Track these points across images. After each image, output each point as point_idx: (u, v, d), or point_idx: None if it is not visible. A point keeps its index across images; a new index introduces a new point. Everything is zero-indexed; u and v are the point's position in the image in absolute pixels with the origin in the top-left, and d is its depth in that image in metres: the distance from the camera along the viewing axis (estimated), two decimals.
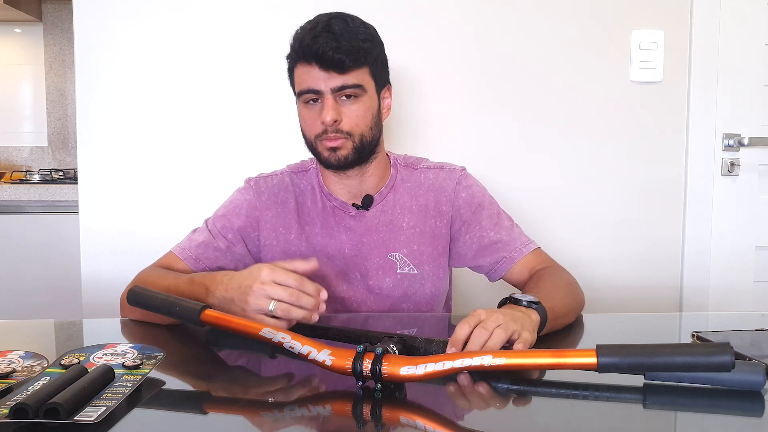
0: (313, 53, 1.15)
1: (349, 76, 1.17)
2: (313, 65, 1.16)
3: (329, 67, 1.16)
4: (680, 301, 1.87)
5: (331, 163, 1.22)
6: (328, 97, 1.17)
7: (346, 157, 1.21)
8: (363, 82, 1.19)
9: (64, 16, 2.97)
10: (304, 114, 1.22)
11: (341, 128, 1.19)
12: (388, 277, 1.28)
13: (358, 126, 1.20)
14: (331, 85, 1.17)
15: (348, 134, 1.19)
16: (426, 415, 0.77)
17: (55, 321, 1.36)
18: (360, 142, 1.21)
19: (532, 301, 0.98)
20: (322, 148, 1.21)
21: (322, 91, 1.17)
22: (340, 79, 1.17)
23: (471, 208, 1.30)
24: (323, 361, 0.81)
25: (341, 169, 1.23)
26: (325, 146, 1.20)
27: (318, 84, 1.17)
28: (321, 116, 1.18)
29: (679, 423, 0.77)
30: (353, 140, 1.20)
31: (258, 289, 0.97)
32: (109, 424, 0.69)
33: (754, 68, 1.84)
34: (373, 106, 1.22)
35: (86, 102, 1.73)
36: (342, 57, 1.15)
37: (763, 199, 1.88)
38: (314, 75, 1.17)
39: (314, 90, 1.18)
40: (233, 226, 1.29)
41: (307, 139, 1.24)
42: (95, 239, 1.74)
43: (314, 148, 1.23)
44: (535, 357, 0.79)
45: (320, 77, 1.17)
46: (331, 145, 1.20)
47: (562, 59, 1.79)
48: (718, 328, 0.99)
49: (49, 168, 2.90)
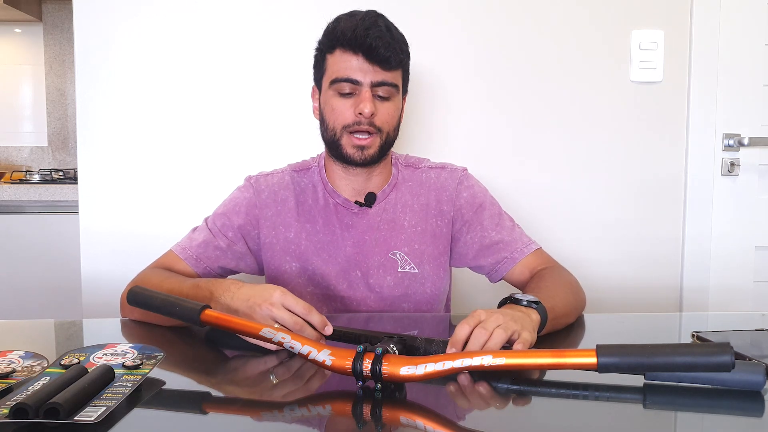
0: (364, 44, 1.15)
1: (390, 75, 1.18)
2: (358, 56, 1.16)
3: (376, 62, 1.16)
4: (680, 301, 1.87)
5: (353, 160, 1.21)
6: (366, 90, 1.17)
7: (372, 155, 1.21)
8: (398, 82, 1.21)
9: (64, 16, 2.97)
10: (333, 102, 1.20)
11: (374, 122, 1.19)
12: (389, 275, 1.28)
13: (389, 124, 1.21)
14: (373, 79, 1.17)
15: (379, 130, 1.20)
16: (426, 415, 0.77)
17: (55, 321, 1.36)
18: (386, 140, 1.22)
19: (532, 300, 0.98)
20: (348, 142, 1.20)
21: (361, 83, 1.17)
22: (382, 75, 1.17)
23: (472, 209, 1.30)
24: (323, 361, 0.81)
25: (364, 166, 1.23)
26: (353, 142, 1.20)
27: (358, 75, 1.17)
28: (358, 107, 1.17)
29: (679, 423, 0.77)
30: (381, 137, 1.21)
31: (265, 309, 0.96)
32: (109, 424, 0.69)
33: (754, 68, 1.84)
34: (399, 107, 1.24)
35: (86, 102, 1.73)
36: (390, 55, 1.16)
37: (763, 199, 1.88)
38: (356, 65, 1.17)
39: (353, 80, 1.17)
40: (233, 225, 1.29)
41: (330, 128, 1.22)
42: (95, 239, 1.74)
43: (337, 139, 1.21)
44: (535, 357, 0.79)
45: (364, 69, 1.17)
46: (359, 143, 1.19)
47: (562, 60, 1.79)
48: (718, 328, 0.99)
49: (49, 168, 2.90)
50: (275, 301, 0.97)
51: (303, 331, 0.95)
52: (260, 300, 0.97)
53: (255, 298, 0.98)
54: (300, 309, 0.96)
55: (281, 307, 0.96)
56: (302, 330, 0.95)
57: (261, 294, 0.98)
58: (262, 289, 1.00)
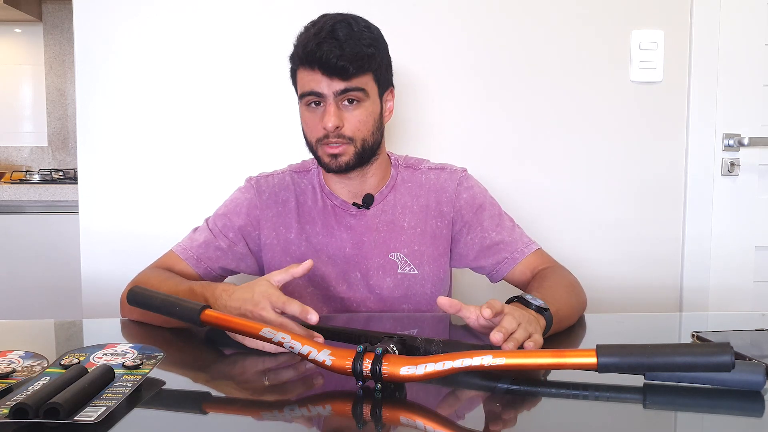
0: (317, 59, 1.15)
1: (352, 82, 1.17)
2: (315, 70, 1.16)
3: (333, 74, 1.15)
4: (680, 301, 1.87)
5: (331, 169, 1.22)
6: (330, 102, 1.17)
7: (347, 163, 1.21)
8: (366, 86, 1.19)
9: (64, 16, 2.97)
10: (306, 116, 1.22)
11: (343, 133, 1.18)
12: (389, 276, 1.28)
13: (360, 131, 1.20)
14: (334, 89, 1.17)
15: (350, 139, 1.19)
16: (426, 415, 0.77)
17: (55, 321, 1.36)
18: (362, 147, 1.21)
19: (542, 307, 0.98)
20: (323, 153, 1.21)
21: (324, 95, 1.17)
22: (343, 84, 1.17)
23: (472, 209, 1.30)
24: (323, 361, 0.81)
25: (342, 173, 1.23)
26: (326, 152, 1.20)
27: (321, 87, 1.17)
28: (323, 121, 1.18)
29: (679, 423, 0.77)
30: (355, 145, 1.20)
31: (256, 315, 0.97)
32: (109, 424, 0.69)
33: (754, 68, 1.84)
34: (375, 110, 1.22)
35: (86, 102, 1.73)
36: (345, 64, 1.15)
37: (763, 199, 1.88)
38: (317, 79, 1.17)
39: (317, 93, 1.18)
40: (234, 225, 1.29)
41: (307, 141, 1.24)
42: (95, 239, 1.74)
43: (315, 151, 1.23)
44: (535, 357, 0.79)
45: (323, 81, 1.16)
46: (332, 152, 1.20)
47: (562, 60, 1.79)
48: (718, 328, 0.99)
49: (49, 168, 2.90)
50: (258, 301, 0.97)
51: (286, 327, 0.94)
52: (249, 305, 0.98)
53: (244, 303, 0.99)
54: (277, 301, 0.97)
55: (268, 307, 0.97)
56: (284, 325, 0.94)
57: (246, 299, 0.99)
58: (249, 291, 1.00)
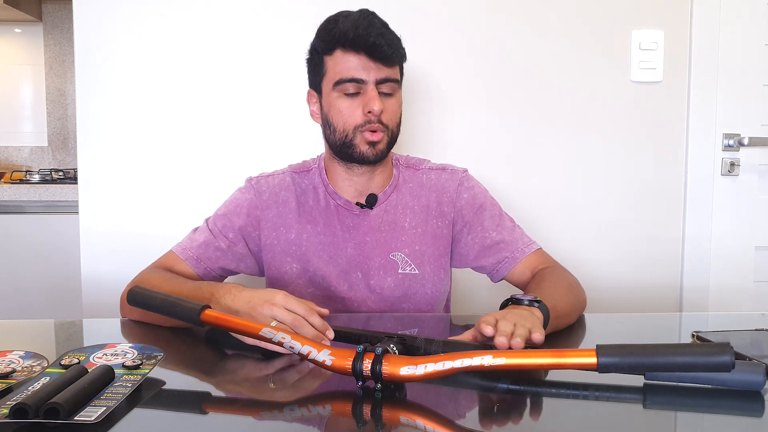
0: (368, 43, 1.15)
1: (392, 70, 1.19)
2: (360, 55, 1.16)
3: (378, 58, 1.16)
4: (680, 301, 1.87)
5: (367, 157, 1.21)
6: (372, 87, 1.17)
7: (383, 151, 1.22)
8: (398, 78, 1.22)
9: (64, 16, 2.97)
10: (340, 105, 1.20)
11: (382, 120, 1.19)
12: (390, 276, 1.28)
13: (393, 121, 1.22)
14: (377, 76, 1.17)
15: (386, 127, 1.20)
16: (426, 415, 0.77)
17: (55, 321, 1.36)
18: (391, 137, 1.22)
19: (533, 299, 0.99)
20: (361, 140, 1.20)
21: (365, 81, 1.17)
22: (385, 71, 1.17)
23: (473, 209, 1.30)
24: (323, 361, 0.81)
25: (374, 163, 1.23)
26: (366, 139, 1.19)
27: (362, 74, 1.17)
28: (367, 105, 1.17)
29: (679, 423, 0.77)
30: (388, 134, 1.21)
31: (267, 309, 0.96)
32: (109, 424, 0.69)
33: (754, 68, 1.84)
34: (401, 102, 1.25)
35: (86, 102, 1.73)
36: (392, 51, 1.17)
37: (763, 199, 1.88)
38: (359, 64, 1.16)
39: (358, 79, 1.17)
40: (234, 226, 1.29)
41: (340, 130, 1.21)
42: (95, 239, 1.74)
43: (350, 140, 1.20)
44: (535, 357, 0.79)
45: (367, 67, 1.16)
46: (372, 139, 1.19)
47: (562, 59, 1.79)
48: (718, 328, 0.99)
49: (49, 168, 2.90)
50: (277, 302, 0.97)
51: (302, 328, 0.94)
52: (262, 300, 0.98)
53: (257, 299, 0.98)
54: (302, 310, 0.96)
55: (282, 308, 0.96)
56: (302, 326, 0.94)
57: (263, 295, 0.99)
58: (265, 291, 1.00)
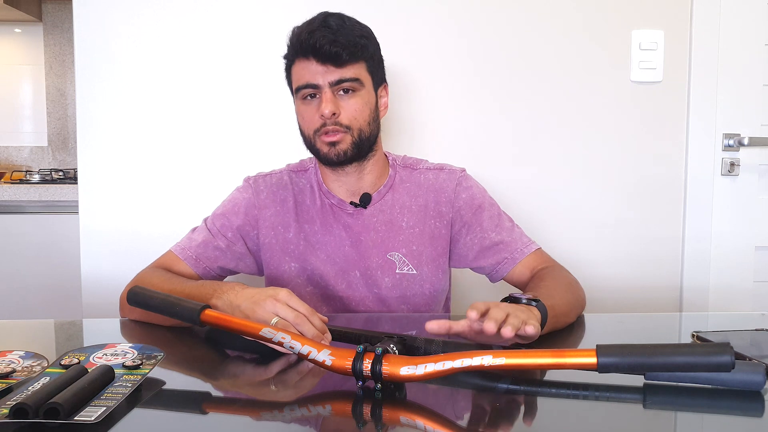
0: (310, 47, 1.16)
1: (347, 70, 1.18)
2: (310, 60, 1.17)
3: (326, 61, 1.17)
4: (680, 301, 1.87)
5: (330, 158, 1.21)
6: (326, 90, 1.18)
7: (345, 151, 1.21)
8: (360, 76, 1.20)
9: (64, 16, 2.97)
10: (302, 110, 1.23)
11: (340, 121, 1.19)
12: (387, 276, 1.28)
13: (357, 120, 1.21)
14: (329, 78, 1.18)
15: (347, 128, 1.20)
16: (426, 415, 0.77)
17: (55, 321, 1.36)
18: (359, 136, 1.21)
19: (531, 298, 0.99)
20: (321, 143, 1.21)
21: (320, 86, 1.18)
22: (337, 72, 1.18)
23: (471, 210, 1.30)
24: (323, 361, 0.81)
25: (340, 164, 1.23)
26: (324, 141, 1.20)
27: (315, 78, 1.18)
28: (320, 109, 1.18)
29: (679, 423, 0.77)
30: (352, 134, 1.20)
31: (270, 304, 0.96)
32: (109, 424, 0.69)
33: (754, 68, 1.84)
34: (370, 101, 1.23)
35: (86, 102, 1.73)
36: (339, 50, 1.16)
37: (763, 199, 1.88)
38: (312, 69, 1.18)
39: (312, 84, 1.18)
40: (232, 225, 1.29)
41: (305, 136, 1.24)
42: (95, 239, 1.74)
43: (312, 144, 1.23)
44: (535, 357, 0.79)
45: (318, 71, 1.18)
46: (329, 140, 1.20)
47: (561, 59, 1.79)
48: (718, 328, 0.99)
49: (49, 168, 2.90)
50: (281, 298, 0.97)
51: (303, 325, 0.94)
52: (265, 296, 0.97)
53: (260, 294, 0.98)
54: (303, 309, 0.96)
55: (285, 305, 0.96)
56: (303, 324, 0.94)
57: (266, 291, 0.99)
58: (268, 288, 1.01)
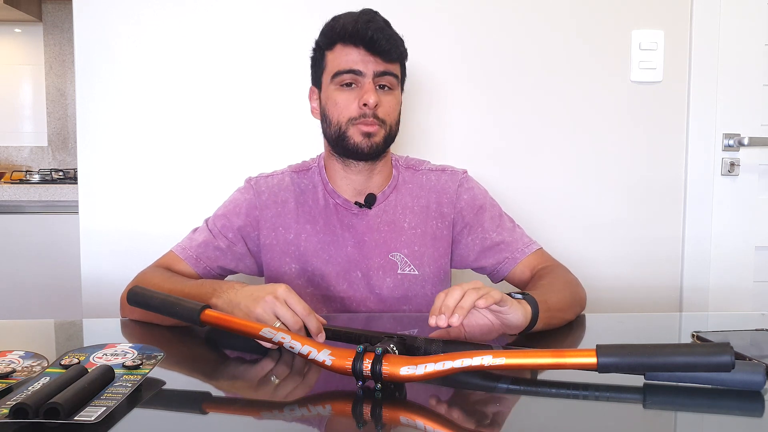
0: (366, 36, 1.17)
1: (391, 66, 1.20)
2: (359, 48, 1.18)
3: (377, 52, 1.17)
4: (680, 301, 1.87)
5: (361, 149, 1.20)
6: (369, 80, 1.18)
7: (378, 144, 1.21)
8: (398, 74, 1.22)
9: (64, 16, 2.97)
10: (337, 96, 1.20)
11: (377, 114, 1.19)
12: (389, 277, 1.28)
13: (391, 116, 1.22)
14: (375, 69, 1.18)
15: (382, 121, 1.20)
16: (426, 415, 0.77)
17: (55, 321, 1.36)
18: (389, 132, 1.22)
19: (518, 292, 1.00)
20: (355, 132, 1.20)
21: (363, 73, 1.18)
22: (383, 65, 1.19)
23: (473, 211, 1.30)
24: (323, 361, 0.81)
25: (370, 158, 1.23)
26: (361, 130, 1.19)
27: (360, 66, 1.18)
28: (363, 98, 1.18)
29: (679, 423, 0.77)
30: (386, 129, 1.21)
31: (270, 301, 0.96)
32: (109, 424, 0.69)
33: (754, 68, 1.84)
34: (400, 101, 1.25)
35: (86, 102, 1.73)
36: (390, 47, 1.18)
37: (763, 199, 1.88)
38: (357, 57, 1.18)
39: (356, 71, 1.18)
40: (233, 226, 1.29)
41: (334, 122, 1.21)
42: (95, 239, 1.74)
43: (343, 132, 1.20)
44: (535, 357, 0.79)
45: (365, 60, 1.18)
46: (367, 130, 1.19)
47: (562, 59, 1.79)
48: (718, 328, 0.99)
49: (49, 168, 2.90)
50: (279, 295, 0.97)
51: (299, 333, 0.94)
52: (264, 293, 0.97)
53: (259, 291, 0.98)
54: (300, 309, 0.96)
55: (284, 303, 0.96)
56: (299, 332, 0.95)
57: (265, 288, 0.99)
58: (267, 285, 1.01)
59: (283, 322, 0.95)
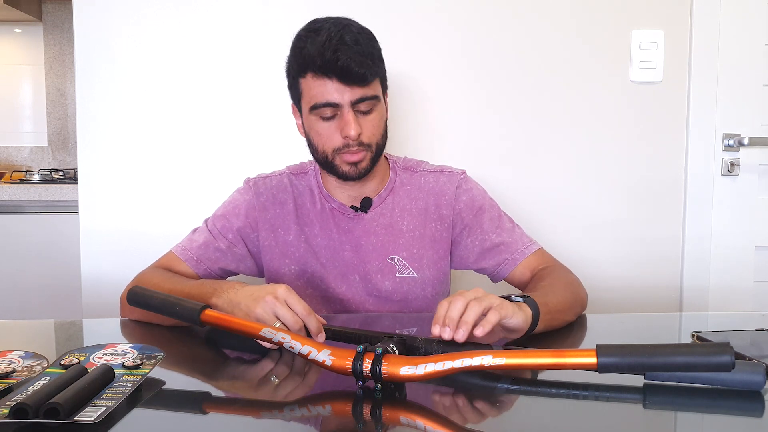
0: (337, 68, 1.11)
1: (368, 89, 1.16)
2: (332, 79, 1.13)
3: (352, 82, 1.13)
4: (680, 301, 1.87)
5: (350, 177, 1.20)
6: (348, 110, 1.15)
7: (366, 169, 1.20)
8: (377, 92, 1.19)
9: (64, 16, 2.97)
10: (318, 128, 1.19)
11: (361, 140, 1.17)
12: (388, 280, 1.27)
13: (375, 136, 1.20)
14: (351, 98, 1.14)
15: (367, 146, 1.19)
16: (426, 415, 0.77)
17: (55, 321, 1.36)
18: (376, 152, 1.21)
19: (520, 296, 0.99)
20: (341, 161, 1.19)
21: (340, 105, 1.15)
22: (360, 92, 1.15)
23: (472, 212, 1.30)
24: (323, 361, 0.81)
25: (360, 179, 1.22)
26: (346, 160, 1.18)
27: (336, 97, 1.14)
28: (343, 130, 1.15)
29: (679, 423, 0.77)
30: (371, 151, 1.20)
31: (270, 301, 0.96)
32: (109, 424, 0.69)
33: (754, 68, 1.84)
34: (384, 113, 1.23)
35: (86, 102, 1.73)
36: (365, 72, 1.13)
37: (763, 199, 1.88)
38: (332, 88, 1.14)
39: (332, 104, 1.15)
40: (233, 227, 1.29)
41: (321, 152, 1.21)
42: (95, 239, 1.74)
43: (330, 161, 1.20)
44: (535, 357, 0.79)
45: (340, 90, 1.14)
46: (353, 160, 1.18)
47: (562, 59, 1.79)
48: (718, 328, 0.99)
49: (49, 168, 2.90)
50: (280, 295, 0.97)
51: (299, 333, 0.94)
52: (264, 293, 0.97)
53: (259, 291, 0.98)
54: (300, 309, 0.96)
55: (284, 303, 0.96)
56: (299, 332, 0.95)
57: (265, 288, 0.99)
58: (267, 285, 1.01)
59: (283, 322, 0.95)
